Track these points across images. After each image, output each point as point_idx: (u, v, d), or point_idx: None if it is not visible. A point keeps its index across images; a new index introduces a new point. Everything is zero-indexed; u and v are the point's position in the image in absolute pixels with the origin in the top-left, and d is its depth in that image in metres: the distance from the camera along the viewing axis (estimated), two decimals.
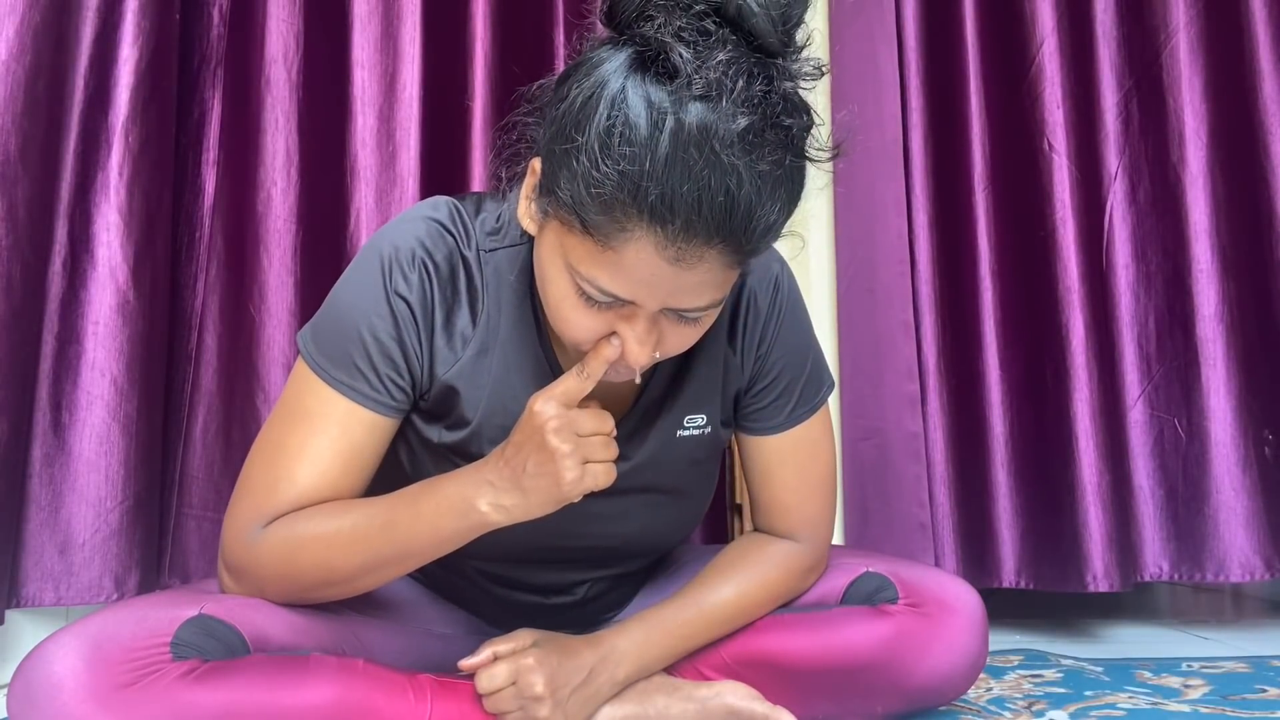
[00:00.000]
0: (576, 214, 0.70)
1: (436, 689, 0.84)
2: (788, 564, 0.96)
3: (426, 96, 1.47)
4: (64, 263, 1.27)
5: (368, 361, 0.83)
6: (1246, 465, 1.49)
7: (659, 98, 0.67)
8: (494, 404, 0.87)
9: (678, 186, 0.66)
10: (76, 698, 0.72)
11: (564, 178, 0.70)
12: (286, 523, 0.82)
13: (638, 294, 0.72)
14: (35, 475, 1.24)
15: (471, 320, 0.86)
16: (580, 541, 0.93)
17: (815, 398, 0.98)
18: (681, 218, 0.67)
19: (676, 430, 0.93)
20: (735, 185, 0.67)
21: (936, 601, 0.94)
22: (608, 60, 0.71)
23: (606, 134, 0.67)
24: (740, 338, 0.94)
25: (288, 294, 1.42)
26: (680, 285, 0.71)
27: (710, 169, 0.66)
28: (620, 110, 0.67)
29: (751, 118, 0.67)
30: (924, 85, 1.61)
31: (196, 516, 1.37)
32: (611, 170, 0.67)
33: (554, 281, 0.76)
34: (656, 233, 0.68)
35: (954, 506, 1.55)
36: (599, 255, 0.70)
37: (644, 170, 0.66)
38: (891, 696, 0.95)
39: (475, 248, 0.87)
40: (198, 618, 0.78)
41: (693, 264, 0.69)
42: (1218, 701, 1.08)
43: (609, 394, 0.88)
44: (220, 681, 0.76)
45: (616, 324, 0.75)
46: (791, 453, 0.97)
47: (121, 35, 1.30)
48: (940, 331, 1.58)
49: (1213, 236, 1.55)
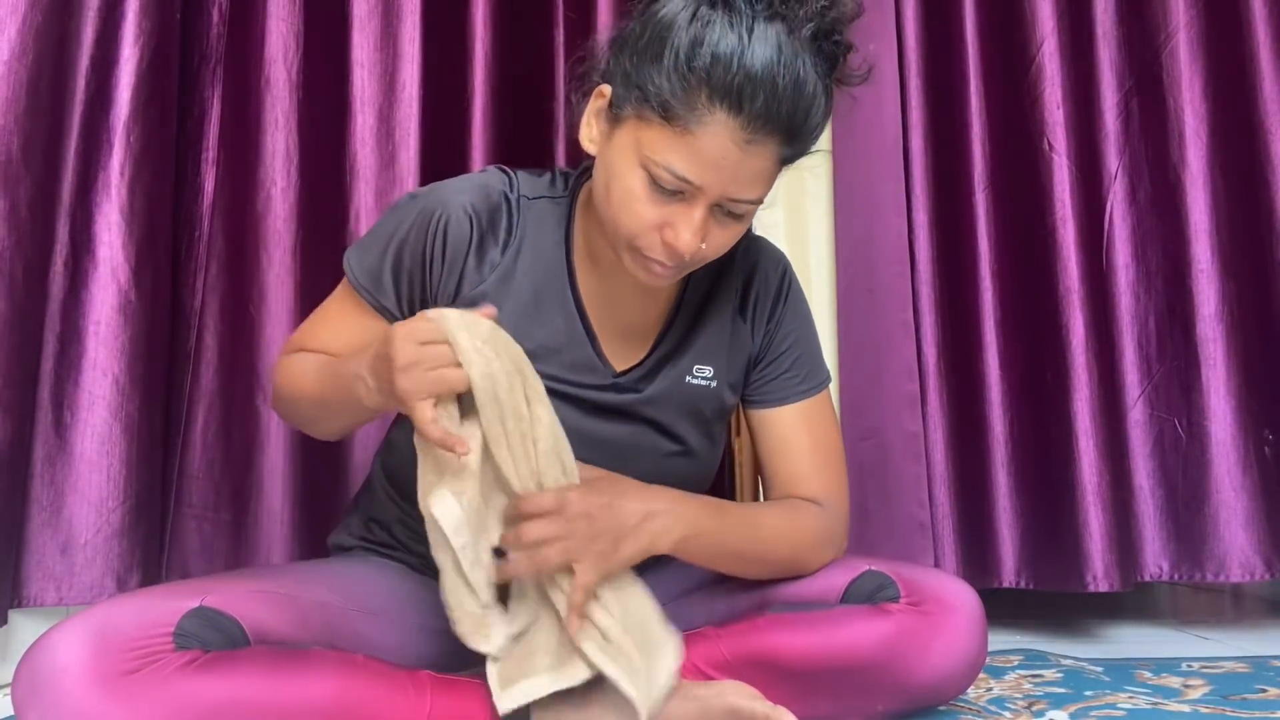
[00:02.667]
0: (661, 104, 0.81)
1: (436, 685, 0.84)
2: (818, 519, 1.00)
3: (426, 96, 1.48)
4: (65, 262, 1.27)
5: (391, 275, 0.96)
6: (1246, 465, 1.49)
7: (742, 6, 0.81)
8: (521, 328, 0.91)
9: (759, 73, 0.79)
10: (80, 685, 0.74)
11: (654, 73, 0.82)
12: (294, 357, 1.01)
13: (705, 177, 0.83)
14: (37, 475, 1.24)
15: (501, 251, 0.97)
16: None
17: (819, 377, 1.07)
18: (760, 102, 0.80)
19: (685, 376, 1.02)
20: (803, 77, 0.81)
21: (936, 600, 0.95)
22: None
23: (701, 31, 0.80)
24: (751, 309, 1.05)
25: (288, 294, 1.42)
26: (741, 171, 0.83)
27: (784, 64, 0.80)
28: (708, 16, 0.81)
29: (816, 25, 0.82)
30: (924, 85, 1.61)
31: (197, 516, 1.37)
32: (703, 59, 0.80)
33: (623, 175, 0.86)
34: (734, 118, 0.80)
35: (954, 506, 1.55)
36: (677, 141, 0.82)
37: (733, 55, 0.79)
38: (892, 695, 0.95)
39: (518, 194, 0.99)
40: (200, 609, 0.80)
41: (755, 151, 0.82)
42: (1218, 701, 1.08)
43: (630, 346, 1.00)
44: (222, 672, 0.77)
45: (674, 215, 0.85)
46: (803, 423, 1.04)
47: (122, 35, 1.30)
48: (940, 331, 1.58)
49: (1213, 236, 1.55)
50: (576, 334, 0.98)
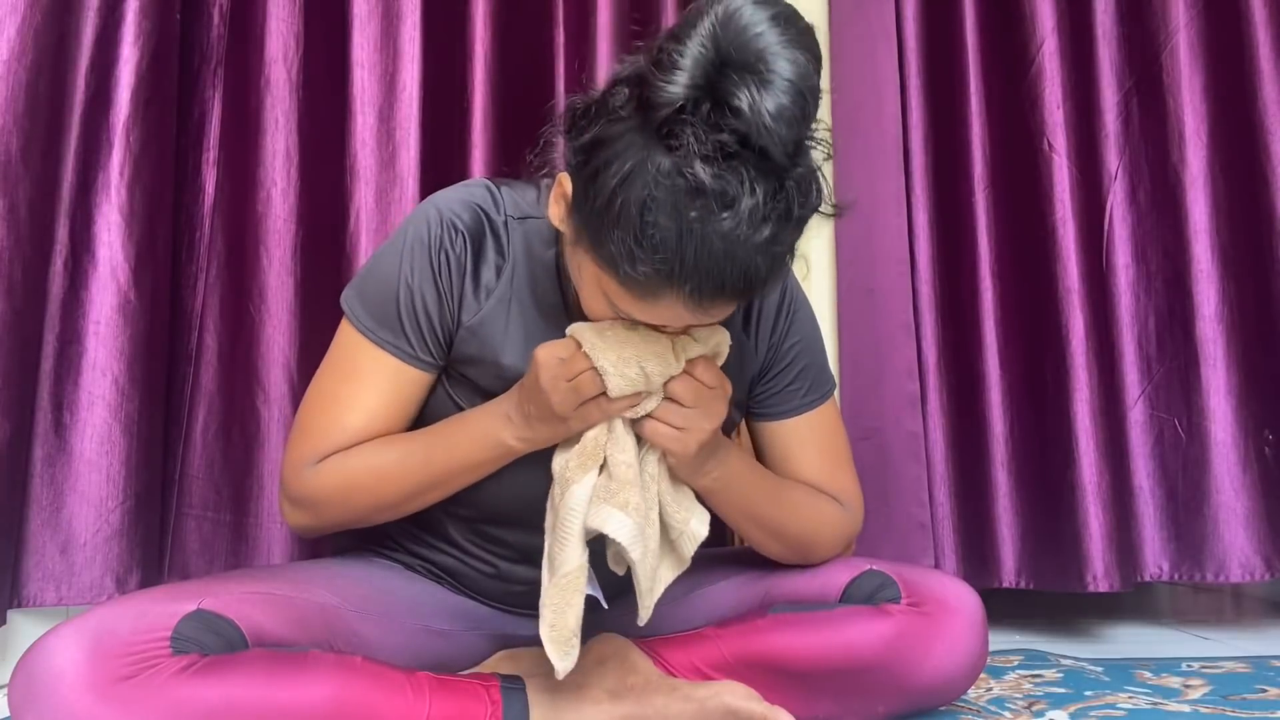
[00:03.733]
0: (614, 272, 0.78)
1: (435, 686, 0.84)
2: (838, 515, 1.02)
3: (426, 96, 1.47)
4: (65, 262, 1.27)
5: (412, 320, 0.93)
6: (1246, 465, 1.49)
7: (687, 208, 0.73)
8: (521, 353, 0.93)
9: (705, 275, 0.75)
10: (76, 690, 0.73)
11: (603, 253, 0.78)
12: (339, 459, 0.93)
13: (666, 322, 0.82)
14: (37, 475, 1.24)
15: (495, 275, 0.95)
16: None
17: (825, 386, 1.07)
18: (708, 294, 0.76)
19: None
20: (754, 270, 0.76)
21: (937, 601, 0.95)
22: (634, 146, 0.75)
23: (640, 234, 0.74)
24: (754, 325, 1.03)
25: (288, 294, 1.42)
26: (704, 318, 0.81)
27: (733, 264, 0.75)
28: (652, 214, 0.74)
29: (770, 227, 0.74)
30: (924, 85, 1.61)
31: (197, 516, 1.37)
32: (645, 265, 0.75)
33: (587, 294, 0.85)
34: (685, 298, 0.77)
35: (954, 506, 1.55)
36: (633, 300, 0.79)
37: (674, 268, 0.74)
38: (892, 696, 0.95)
39: (504, 215, 0.96)
40: (197, 612, 0.79)
41: (713, 309, 0.79)
42: (1218, 701, 1.08)
43: None
44: (219, 676, 0.77)
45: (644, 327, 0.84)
46: (811, 432, 1.04)
47: (122, 35, 1.30)
48: (940, 331, 1.58)
49: (1213, 236, 1.55)
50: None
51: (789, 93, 0.72)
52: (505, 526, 0.98)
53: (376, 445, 0.93)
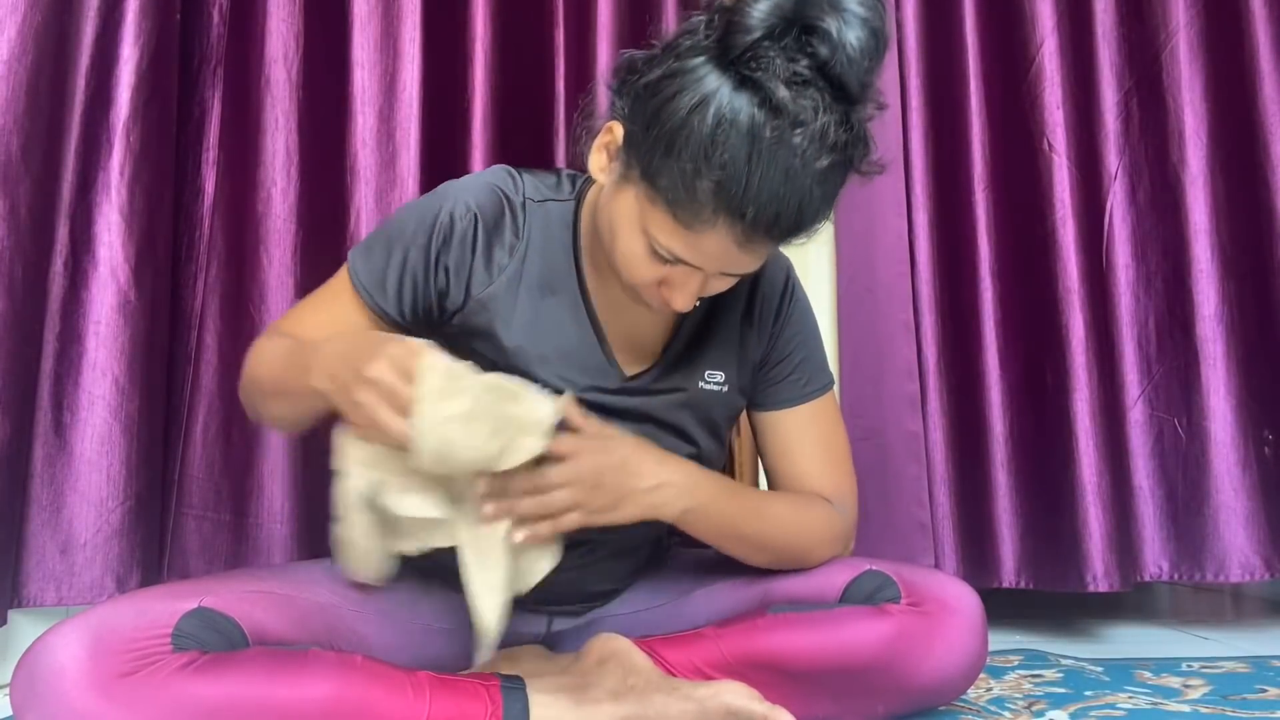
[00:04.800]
0: (667, 200, 0.81)
1: (435, 686, 0.84)
2: (830, 515, 1.02)
3: (426, 96, 1.48)
4: (65, 262, 1.27)
5: (396, 281, 0.95)
6: (1246, 465, 1.49)
7: (760, 127, 0.77)
8: (531, 331, 0.96)
9: (765, 202, 0.79)
10: (78, 686, 0.74)
11: (663, 170, 0.81)
12: (271, 338, 0.98)
13: (705, 263, 0.85)
14: (37, 475, 1.24)
15: (509, 253, 0.97)
16: None
17: (823, 380, 1.08)
18: (762, 224, 0.80)
19: (699, 382, 1.03)
20: (808, 203, 0.80)
21: (937, 601, 0.95)
22: (708, 77, 0.80)
23: (710, 147, 0.78)
24: (756, 313, 1.05)
25: (288, 294, 1.42)
26: (740, 261, 0.85)
27: (793, 193, 0.79)
28: (725, 132, 0.78)
29: (832, 157, 0.79)
30: (924, 85, 1.61)
31: (197, 516, 1.37)
32: (710, 180, 0.78)
33: (626, 237, 0.87)
34: (736, 228, 0.80)
35: (954, 506, 1.55)
36: (679, 232, 0.82)
37: (740, 185, 0.78)
38: (892, 696, 0.95)
39: (523, 197, 0.99)
40: (198, 610, 0.80)
41: (755, 248, 0.83)
42: (1218, 701, 1.08)
43: (639, 350, 1.01)
44: (220, 673, 0.77)
45: (673, 277, 0.87)
46: (809, 425, 1.06)
47: (122, 35, 1.30)
48: (940, 331, 1.58)
49: (1213, 236, 1.55)
50: (587, 338, 0.99)
51: (866, 28, 0.78)
52: None
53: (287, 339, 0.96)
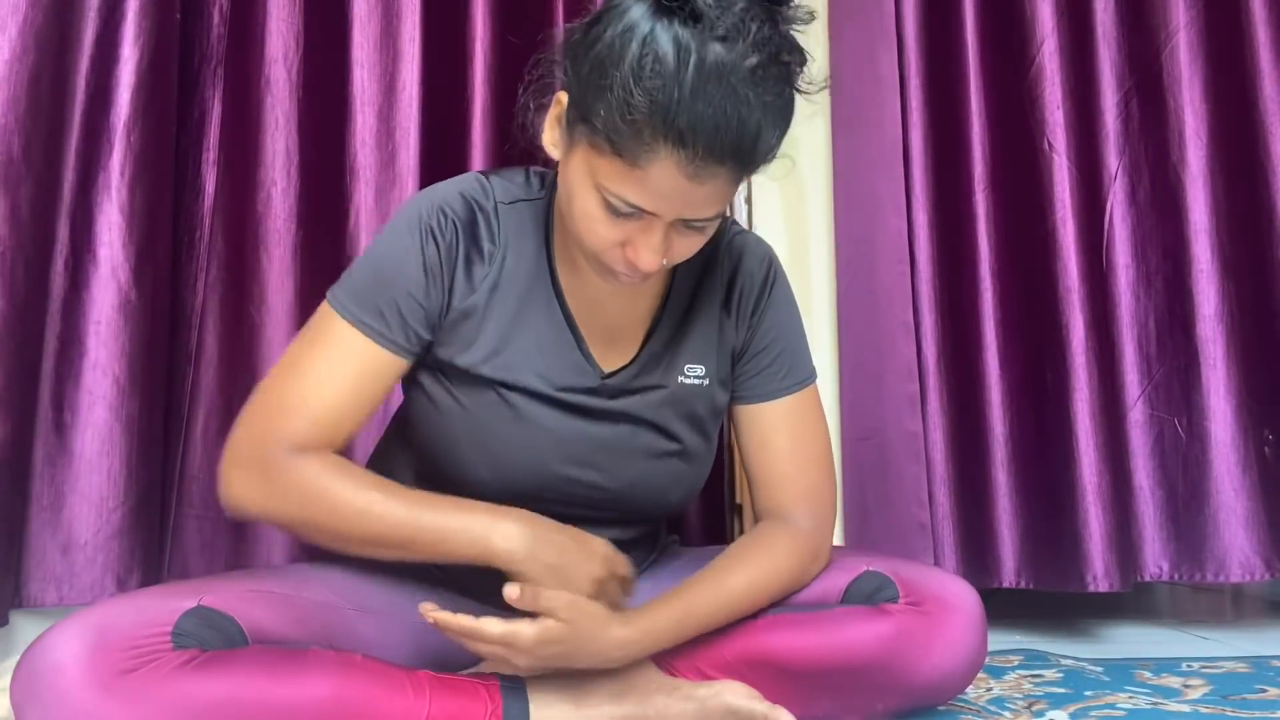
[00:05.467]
0: (608, 138, 0.80)
1: (435, 685, 0.84)
2: (796, 549, 0.98)
3: (426, 96, 1.48)
4: (66, 262, 1.27)
5: (393, 307, 0.92)
6: (1246, 465, 1.49)
7: (684, 38, 0.78)
8: (509, 334, 0.95)
9: (701, 113, 0.77)
10: (78, 684, 0.74)
11: (599, 107, 0.80)
12: (323, 471, 0.88)
13: (658, 206, 0.82)
14: (38, 475, 1.24)
15: (487, 260, 0.96)
16: (584, 474, 0.97)
17: (805, 373, 1.06)
18: (702, 140, 0.78)
19: (678, 376, 1.01)
20: (746, 113, 0.78)
21: (936, 600, 0.95)
22: (634, 6, 0.81)
23: (639, 67, 0.78)
24: (735, 304, 1.04)
25: (288, 294, 1.42)
26: (694, 198, 0.82)
27: (727, 99, 0.77)
28: (650, 47, 0.78)
29: (760, 56, 0.79)
30: (924, 85, 1.61)
31: (197, 516, 1.37)
32: (643, 99, 0.77)
33: (581, 197, 0.85)
34: (679, 153, 0.78)
35: (954, 506, 1.55)
36: (627, 173, 0.81)
37: (672, 99, 0.77)
38: (892, 695, 0.95)
39: (494, 202, 0.97)
40: (198, 608, 0.80)
41: (706, 180, 0.80)
42: (1218, 701, 1.08)
43: (617, 344, 0.99)
44: (220, 671, 0.77)
45: (634, 234, 0.85)
46: (785, 421, 1.03)
47: (122, 35, 1.30)
48: (940, 331, 1.58)
49: (1213, 236, 1.55)
50: (563, 337, 0.97)
51: None
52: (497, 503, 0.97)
53: (367, 480, 0.89)
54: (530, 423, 0.95)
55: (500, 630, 0.83)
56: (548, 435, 0.95)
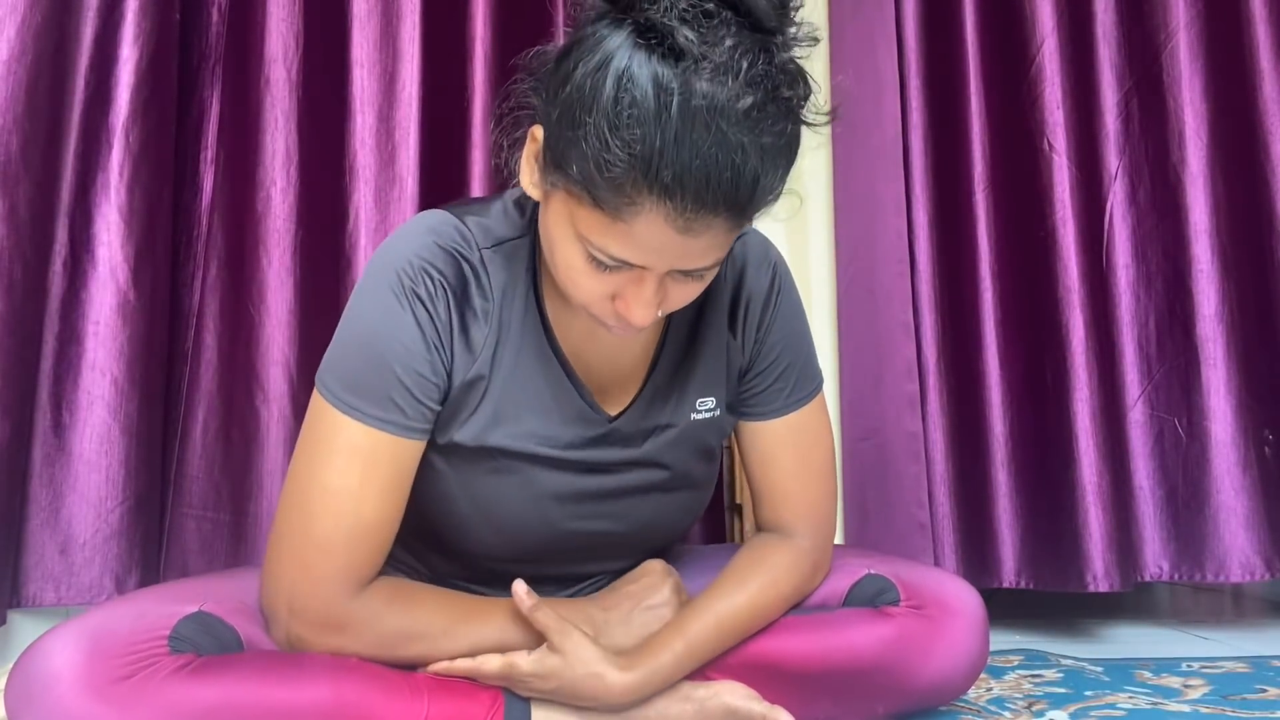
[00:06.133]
0: (587, 190, 0.72)
1: (434, 687, 0.84)
2: (796, 566, 0.96)
3: (426, 96, 1.48)
4: (65, 263, 1.27)
5: (404, 392, 0.83)
6: (1246, 465, 1.49)
7: (666, 77, 0.68)
8: (509, 396, 0.88)
9: (687, 164, 0.68)
10: (74, 690, 0.73)
11: (574, 156, 0.72)
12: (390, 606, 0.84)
13: (648, 260, 0.74)
14: (36, 475, 1.24)
15: (484, 321, 0.87)
16: (595, 525, 0.93)
17: (811, 384, 1.00)
18: (691, 193, 0.69)
19: (690, 414, 0.95)
20: (741, 160, 0.69)
21: (938, 603, 0.94)
22: (609, 38, 0.71)
23: (614, 114, 0.69)
24: (740, 321, 0.96)
25: (287, 294, 1.42)
26: (688, 250, 0.73)
27: (717, 146, 0.68)
28: (628, 90, 0.69)
29: (755, 95, 0.69)
30: (924, 85, 1.61)
31: (196, 516, 1.37)
32: (621, 151, 0.68)
33: (562, 248, 0.78)
34: (666, 206, 0.70)
35: (954, 506, 1.55)
36: (610, 227, 0.72)
37: (653, 149, 0.68)
38: (893, 697, 0.95)
39: (478, 250, 0.88)
40: (196, 614, 0.80)
41: (700, 231, 0.72)
42: (1218, 701, 1.08)
43: (621, 382, 0.93)
44: (217, 676, 0.76)
45: (624, 286, 0.77)
46: (790, 438, 0.98)
47: (122, 35, 1.30)
48: (940, 331, 1.58)
49: (1213, 236, 1.55)
50: (562, 386, 0.90)
51: None
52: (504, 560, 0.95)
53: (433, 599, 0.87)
54: (537, 487, 0.90)
55: (497, 665, 0.83)
56: (555, 497, 0.91)
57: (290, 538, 0.83)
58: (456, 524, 0.91)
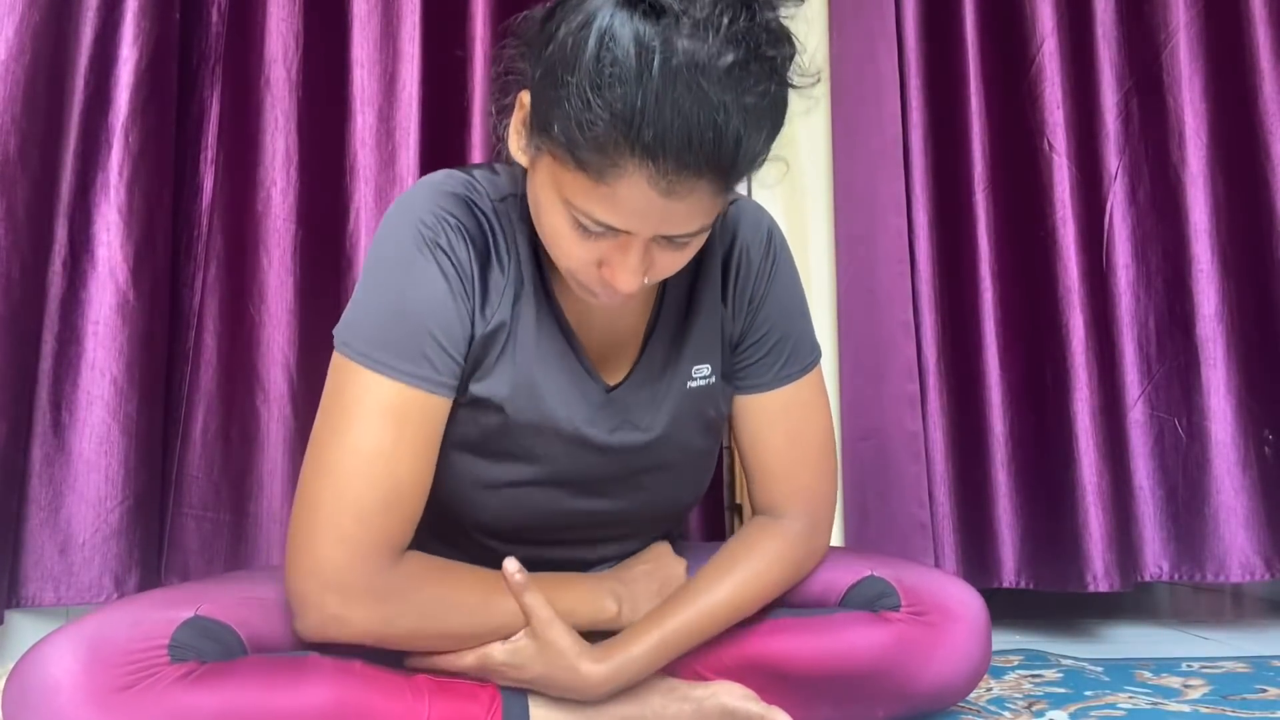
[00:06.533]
0: (570, 152, 0.71)
1: (434, 689, 0.84)
2: (785, 554, 0.95)
3: (426, 96, 1.48)
4: (64, 263, 1.27)
5: (435, 345, 0.81)
6: (1246, 465, 1.49)
7: (648, 35, 0.68)
8: (523, 350, 0.87)
9: (668, 123, 0.68)
10: (74, 701, 0.72)
11: (557, 117, 0.71)
12: (428, 575, 0.83)
13: (631, 224, 0.73)
14: (35, 475, 1.24)
15: (501, 271, 0.87)
16: (599, 504, 0.93)
17: (807, 358, 0.98)
18: (673, 153, 0.68)
19: (686, 381, 0.94)
20: (723, 119, 0.68)
21: (939, 608, 0.94)
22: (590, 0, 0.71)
23: (596, 73, 0.68)
24: (732, 290, 0.95)
25: (287, 294, 1.42)
26: (672, 214, 0.73)
27: (699, 105, 0.68)
28: (609, 49, 0.68)
29: (737, 53, 0.68)
30: (924, 85, 1.61)
31: (196, 516, 1.37)
32: (603, 109, 0.68)
33: (549, 213, 0.77)
34: (649, 167, 0.69)
35: (954, 506, 1.55)
36: (593, 190, 0.72)
37: (635, 108, 0.67)
38: (892, 702, 0.95)
39: (490, 201, 0.88)
40: (194, 619, 0.79)
41: (684, 195, 0.71)
42: (1218, 701, 1.08)
43: (619, 350, 0.93)
44: (218, 683, 0.76)
45: (609, 253, 0.76)
46: (782, 414, 0.96)
47: (121, 35, 1.30)
48: (940, 331, 1.58)
49: (1213, 236, 1.55)
50: (566, 354, 0.89)
51: None
52: (506, 542, 0.94)
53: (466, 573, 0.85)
54: (543, 463, 0.89)
55: (473, 658, 0.84)
56: (560, 476, 0.90)
57: (322, 508, 0.78)
58: (458, 500, 0.89)
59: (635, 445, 0.92)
